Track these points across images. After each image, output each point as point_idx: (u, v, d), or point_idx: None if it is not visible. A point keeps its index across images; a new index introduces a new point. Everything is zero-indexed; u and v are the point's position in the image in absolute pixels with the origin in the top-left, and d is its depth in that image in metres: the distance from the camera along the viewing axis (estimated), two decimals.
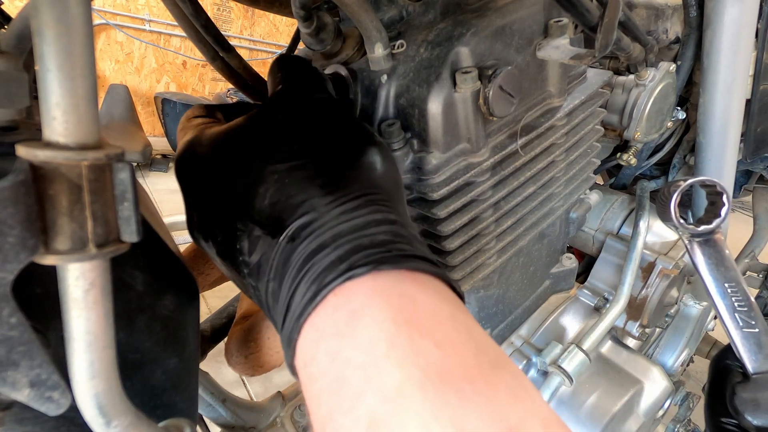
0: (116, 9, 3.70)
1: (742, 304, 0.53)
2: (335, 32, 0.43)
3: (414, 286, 0.27)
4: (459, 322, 0.26)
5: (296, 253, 0.29)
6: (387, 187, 0.34)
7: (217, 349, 0.66)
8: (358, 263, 0.27)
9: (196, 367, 0.44)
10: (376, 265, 0.26)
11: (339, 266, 0.27)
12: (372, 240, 0.28)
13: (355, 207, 0.30)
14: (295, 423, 0.76)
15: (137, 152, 0.35)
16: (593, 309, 0.76)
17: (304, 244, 0.29)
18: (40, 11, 0.20)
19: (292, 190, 0.31)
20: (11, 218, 0.20)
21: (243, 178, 0.33)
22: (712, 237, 0.54)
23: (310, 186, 0.31)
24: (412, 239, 0.30)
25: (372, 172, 0.33)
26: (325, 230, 0.29)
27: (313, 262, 0.28)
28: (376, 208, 0.31)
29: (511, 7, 0.45)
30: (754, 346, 0.52)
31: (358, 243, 0.28)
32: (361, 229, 0.29)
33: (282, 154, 0.32)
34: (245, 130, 0.35)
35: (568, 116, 0.53)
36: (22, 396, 0.23)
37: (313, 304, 0.26)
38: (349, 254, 0.27)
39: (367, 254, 0.27)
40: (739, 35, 0.66)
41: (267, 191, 0.31)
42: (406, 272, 0.27)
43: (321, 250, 0.28)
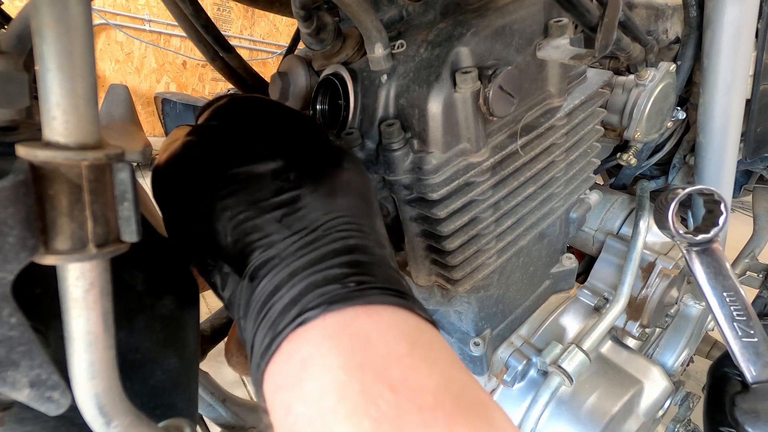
0: (116, 9, 3.70)
1: (740, 314, 0.53)
2: (335, 32, 0.43)
3: (368, 323, 0.25)
4: (418, 357, 0.24)
5: (255, 294, 0.28)
6: (351, 202, 0.32)
7: (217, 349, 0.66)
8: (309, 306, 0.25)
9: (196, 367, 0.44)
10: (327, 306, 0.25)
11: (291, 310, 0.26)
12: (326, 275, 0.27)
13: (313, 239, 0.29)
14: None
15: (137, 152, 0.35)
16: (593, 309, 0.75)
17: (263, 284, 0.28)
18: (40, 11, 0.20)
19: (248, 226, 0.30)
20: (11, 218, 0.20)
21: (201, 215, 0.31)
22: (710, 246, 0.54)
23: (265, 221, 0.29)
24: (374, 265, 0.29)
25: (333, 188, 0.32)
26: (282, 268, 0.28)
27: (270, 305, 0.27)
28: (336, 236, 0.29)
29: (511, 7, 0.45)
30: (753, 355, 0.52)
31: (311, 281, 0.26)
32: (317, 263, 0.27)
33: (228, 186, 0.30)
34: (184, 157, 0.34)
35: (568, 116, 0.53)
36: (22, 396, 0.23)
37: (269, 353, 0.25)
38: (302, 295, 0.26)
39: (319, 294, 0.26)
40: (739, 35, 0.66)
41: (225, 229, 0.30)
42: (361, 308, 0.26)
43: (277, 291, 0.27)
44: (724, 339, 0.53)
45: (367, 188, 0.35)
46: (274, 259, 0.28)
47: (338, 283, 0.26)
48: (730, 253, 1.04)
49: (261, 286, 0.28)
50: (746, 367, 0.52)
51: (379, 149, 0.43)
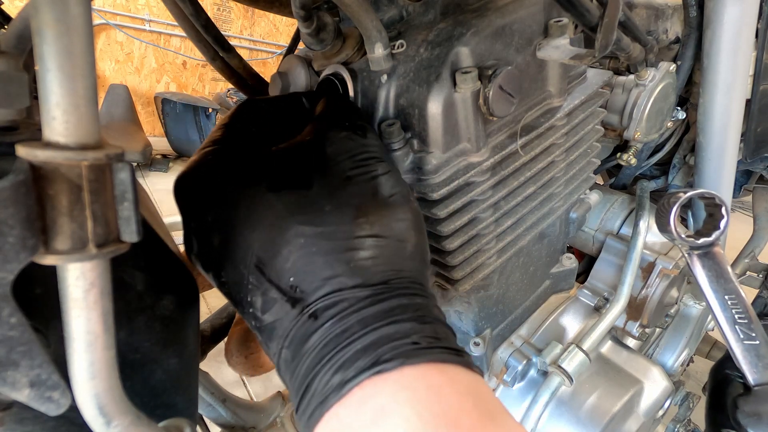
0: (116, 9, 3.70)
1: (742, 316, 0.53)
2: (335, 32, 0.43)
3: (439, 378, 0.27)
4: (483, 411, 0.26)
5: (318, 333, 0.28)
6: (413, 265, 0.33)
7: (217, 349, 0.66)
8: (385, 357, 0.27)
9: (196, 367, 0.44)
10: (403, 359, 0.27)
11: (365, 358, 0.27)
12: (398, 330, 0.28)
13: (381, 291, 0.30)
14: (295, 423, 0.76)
15: (137, 152, 0.35)
16: (593, 309, 0.75)
17: (328, 325, 0.28)
18: (40, 11, 0.20)
19: (318, 261, 0.29)
20: (11, 218, 0.20)
21: (265, 229, 0.31)
22: (712, 249, 0.54)
23: (338, 261, 0.30)
24: (436, 324, 0.30)
25: (401, 248, 0.32)
26: (351, 314, 0.28)
27: (338, 348, 0.28)
28: (403, 292, 0.30)
29: (511, 7, 0.45)
30: (755, 357, 0.52)
31: (385, 333, 0.28)
32: (388, 316, 0.28)
33: (314, 215, 0.30)
34: (282, 166, 0.33)
35: (568, 116, 0.53)
36: (22, 396, 0.23)
37: (338, 395, 0.26)
38: (377, 345, 0.27)
39: (394, 347, 0.27)
40: (739, 35, 0.66)
41: (290, 255, 0.30)
42: (432, 365, 0.27)
43: (347, 337, 0.28)
44: (726, 342, 0.53)
45: (426, 244, 0.35)
46: (342, 302, 0.29)
47: (410, 339, 0.28)
48: (730, 253, 1.04)
49: (326, 327, 0.28)
50: (748, 370, 0.52)
51: None
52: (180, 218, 0.35)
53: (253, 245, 0.31)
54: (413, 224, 0.34)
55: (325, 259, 0.29)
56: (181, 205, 0.35)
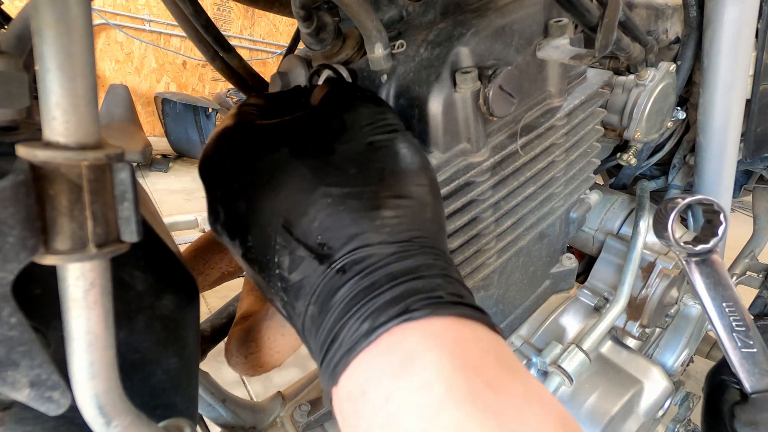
0: (116, 9, 3.70)
1: (739, 324, 0.53)
2: (335, 32, 0.43)
3: (465, 331, 0.28)
4: (504, 364, 0.27)
5: (346, 287, 0.29)
6: (434, 228, 0.33)
7: (217, 349, 0.66)
8: (413, 306, 0.27)
9: (196, 367, 0.44)
10: (432, 309, 0.27)
11: (395, 307, 0.27)
12: (425, 284, 0.29)
13: (406, 249, 0.30)
14: (295, 423, 0.76)
15: (137, 152, 0.35)
16: (593, 309, 0.75)
17: (356, 279, 0.29)
18: (40, 11, 0.20)
19: (345, 219, 0.30)
20: (11, 218, 0.20)
21: (291, 191, 0.31)
22: (710, 256, 0.54)
23: (364, 219, 0.30)
24: (458, 285, 0.31)
25: (423, 211, 0.33)
26: (378, 268, 0.29)
27: (367, 300, 0.28)
28: (426, 250, 0.31)
29: (511, 7, 0.45)
30: (752, 365, 0.52)
31: (412, 286, 0.28)
32: (414, 272, 0.29)
33: (339, 177, 0.31)
34: (302, 133, 0.34)
35: (568, 116, 0.53)
36: (22, 396, 0.23)
37: (366, 341, 0.27)
38: (405, 296, 0.28)
39: (423, 298, 0.28)
40: (739, 35, 0.66)
41: (318, 214, 0.30)
42: (458, 318, 0.28)
43: (375, 288, 0.28)
44: (723, 349, 0.53)
45: (442, 211, 0.36)
46: (369, 257, 0.29)
47: (437, 293, 0.28)
48: (730, 253, 1.04)
49: (354, 281, 0.29)
50: (745, 378, 0.52)
51: None
52: (180, 218, 0.35)
53: (280, 207, 0.31)
54: (432, 190, 0.34)
55: (351, 217, 0.30)
56: (206, 178, 0.36)
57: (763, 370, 0.51)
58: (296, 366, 1.67)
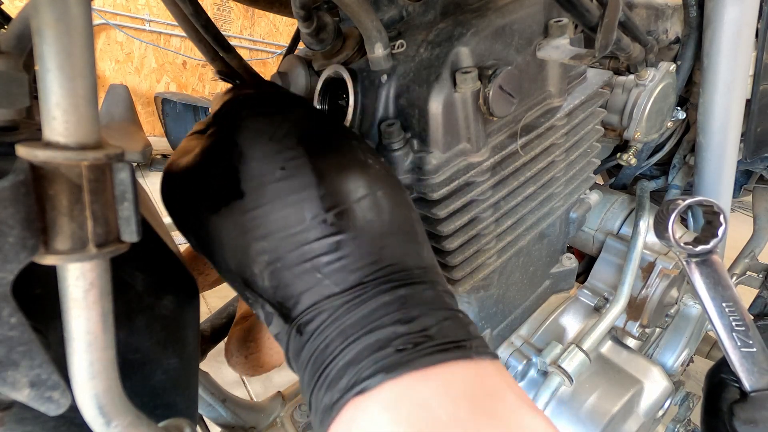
0: (116, 9, 3.70)
1: (739, 324, 0.53)
2: (335, 32, 0.43)
3: (426, 389, 0.25)
4: (482, 415, 0.24)
5: (306, 350, 0.28)
6: (397, 242, 0.29)
7: (217, 349, 0.66)
8: (365, 374, 0.25)
9: (196, 367, 0.44)
10: (384, 374, 0.25)
11: (348, 376, 0.25)
12: (378, 338, 0.26)
13: (357, 295, 0.27)
14: (295, 423, 0.76)
15: (137, 152, 0.35)
16: (593, 309, 0.75)
17: (312, 340, 0.27)
18: (40, 11, 0.20)
19: (287, 277, 0.28)
20: (11, 218, 0.20)
21: (232, 252, 0.29)
22: (710, 257, 0.54)
23: (305, 273, 0.28)
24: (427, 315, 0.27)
25: (371, 234, 0.29)
26: (331, 325, 0.27)
27: (324, 366, 0.27)
28: (383, 288, 0.28)
29: (511, 7, 0.45)
30: (751, 365, 0.52)
31: (365, 344, 0.26)
32: (367, 323, 0.27)
33: (263, 229, 0.28)
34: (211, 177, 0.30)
35: (568, 116, 0.53)
36: (22, 396, 0.23)
37: (329, 418, 0.26)
38: (357, 360, 0.26)
39: (374, 360, 0.25)
40: (739, 35, 0.66)
41: (262, 273, 0.28)
42: (417, 373, 0.25)
43: (329, 351, 0.27)
44: (723, 349, 0.53)
45: (409, 214, 0.32)
46: (320, 314, 0.27)
47: (392, 347, 0.26)
48: (730, 253, 1.04)
49: (311, 343, 0.27)
50: (744, 377, 0.52)
51: (379, 149, 0.43)
52: None
53: (231, 266, 0.30)
54: (378, 201, 0.30)
55: (292, 273, 0.28)
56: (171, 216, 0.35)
57: (762, 369, 0.51)
58: None
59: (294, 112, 0.32)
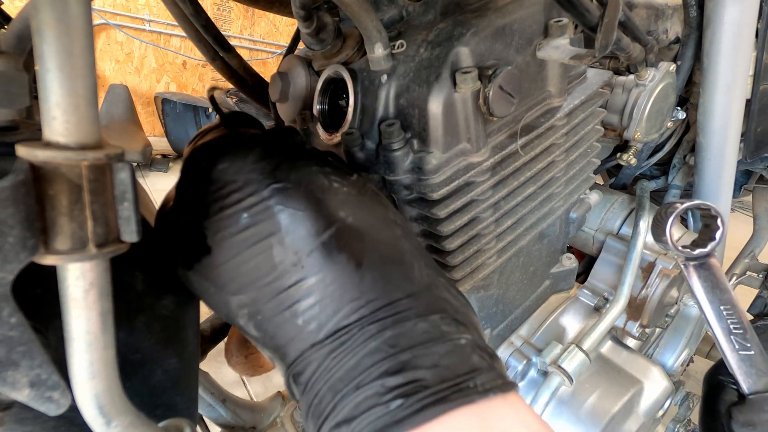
0: (116, 9, 3.70)
1: (737, 327, 0.53)
2: (335, 32, 0.43)
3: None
4: None
5: (303, 401, 0.27)
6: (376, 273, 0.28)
7: (217, 349, 0.66)
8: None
9: (196, 367, 0.44)
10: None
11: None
12: (367, 395, 0.24)
13: (341, 342, 0.26)
14: (295, 423, 0.76)
15: (137, 152, 0.35)
16: (593, 309, 0.75)
17: (306, 392, 0.27)
18: (40, 11, 0.20)
19: (270, 328, 0.27)
20: (11, 218, 0.20)
21: (216, 304, 0.30)
22: (708, 260, 0.54)
23: (286, 322, 0.27)
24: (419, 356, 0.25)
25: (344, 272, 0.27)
26: (320, 379, 0.26)
27: (321, 421, 0.26)
28: (368, 330, 0.26)
29: (511, 7, 0.45)
30: (750, 368, 0.52)
31: (355, 401, 0.25)
32: (356, 375, 0.25)
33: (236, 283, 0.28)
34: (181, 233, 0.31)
35: (568, 116, 0.53)
36: (22, 396, 0.23)
37: None
38: (348, 420, 0.24)
39: (366, 421, 0.24)
40: (739, 35, 0.66)
41: (248, 325, 0.28)
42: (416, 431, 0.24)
43: (323, 408, 0.26)
44: (721, 352, 0.53)
45: (390, 232, 0.30)
46: (309, 365, 0.27)
47: (382, 404, 0.24)
48: (730, 253, 1.04)
49: (306, 395, 0.27)
50: (742, 379, 0.52)
51: (379, 149, 0.43)
52: None
53: (225, 314, 0.30)
54: (350, 224, 0.28)
55: (274, 324, 0.27)
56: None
57: (760, 371, 0.51)
58: None
59: (252, 154, 0.30)
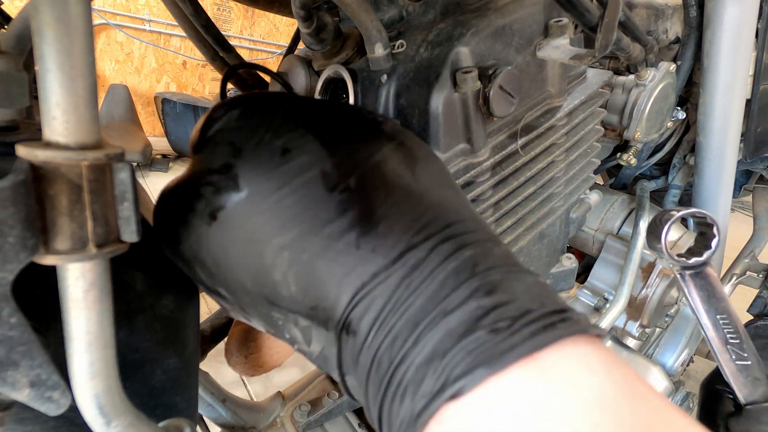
0: (116, 9, 3.70)
1: (733, 336, 0.53)
2: (335, 32, 0.43)
3: (538, 384, 0.19)
4: (610, 413, 0.18)
5: (365, 352, 0.22)
6: (440, 194, 0.25)
7: (217, 349, 0.66)
8: (458, 372, 0.19)
9: (196, 367, 0.44)
10: (485, 367, 0.19)
11: (432, 377, 0.20)
12: (461, 320, 0.20)
13: (416, 263, 0.22)
14: (295, 423, 0.76)
15: (137, 152, 0.35)
16: (593, 309, 0.75)
17: (370, 337, 0.22)
18: (40, 11, 0.20)
19: (319, 267, 0.23)
20: (11, 218, 0.20)
21: (241, 262, 0.25)
22: (704, 269, 0.54)
23: (342, 252, 0.22)
24: (509, 279, 0.22)
25: (404, 174, 0.24)
26: (392, 314, 0.21)
27: (394, 367, 0.21)
28: (444, 250, 0.22)
29: (511, 7, 0.45)
30: (746, 377, 0.52)
31: (445, 330, 0.20)
32: (441, 298, 0.21)
33: (274, 219, 0.23)
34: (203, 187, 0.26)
35: (568, 116, 0.53)
36: (22, 396, 0.23)
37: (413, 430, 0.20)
38: (440, 352, 0.20)
39: (466, 348, 0.19)
40: (739, 35, 0.66)
41: (286, 276, 0.23)
42: (526, 362, 0.19)
43: (398, 348, 0.21)
44: (717, 361, 0.53)
45: (439, 162, 0.28)
46: (374, 301, 0.22)
47: (481, 328, 0.20)
48: (730, 253, 1.04)
49: (370, 341, 0.22)
50: (739, 389, 0.52)
51: None
52: None
53: (247, 284, 0.25)
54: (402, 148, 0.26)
55: (324, 261, 0.23)
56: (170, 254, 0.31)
57: (757, 380, 0.51)
58: (296, 366, 1.67)
59: (286, 99, 0.29)
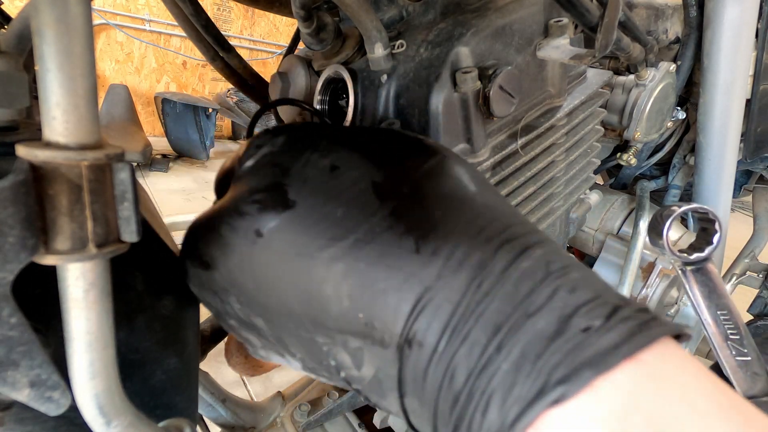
0: (116, 9, 3.70)
1: (734, 333, 0.53)
2: (335, 32, 0.43)
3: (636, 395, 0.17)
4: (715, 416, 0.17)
5: (434, 365, 0.20)
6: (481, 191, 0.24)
7: (217, 349, 0.66)
8: (559, 375, 0.18)
9: (196, 367, 0.44)
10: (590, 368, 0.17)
11: (526, 381, 0.18)
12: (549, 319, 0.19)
13: (479, 266, 0.20)
14: (295, 423, 0.76)
15: (137, 152, 0.35)
16: None
17: (441, 347, 0.20)
18: (40, 11, 0.20)
19: (376, 276, 0.21)
20: (11, 218, 0.20)
21: (288, 280, 0.23)
22: (705, 265, 0.54)
23: (398, 260, 0.21)
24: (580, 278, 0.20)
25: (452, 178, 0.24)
26: (462, 319, 0.20)
27: (476, 376, 0.19)
28: (511, 248, 0.21)
29: (511, 7, 0.45)
30: (746, 373, 0.52)
31: (534, 331, 0.19)
32: (521, 298, 0.19)
33: (327, 229, 0.22)
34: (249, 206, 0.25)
35: (568, 116, 0.53)
36: (22, 396, 0.23)
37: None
38: (533, 355, 0.18)
39: (562, 349, 0.18)
40: (739, 35, 0.66)
41: (339, 290, 0.22)
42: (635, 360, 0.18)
43: (478, 355, 0.19)
44: (718, 358, 0.53)
45: (484, 177, 0.27)
46: (441, 306, 0.20)
47: (573, 327, 0.18)
48: (730, 253, 1.04)
49: (441, 351, 0.20)
50: (738, 384, 0.52)
51: None
52: (180, 218, 0.35)
53: (293, 306, 0.24)
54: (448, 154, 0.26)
55: (382, 267, 0.21)
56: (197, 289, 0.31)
57: (756, 375, 0.51)
58: None
59: (327, 126, 0.31)
